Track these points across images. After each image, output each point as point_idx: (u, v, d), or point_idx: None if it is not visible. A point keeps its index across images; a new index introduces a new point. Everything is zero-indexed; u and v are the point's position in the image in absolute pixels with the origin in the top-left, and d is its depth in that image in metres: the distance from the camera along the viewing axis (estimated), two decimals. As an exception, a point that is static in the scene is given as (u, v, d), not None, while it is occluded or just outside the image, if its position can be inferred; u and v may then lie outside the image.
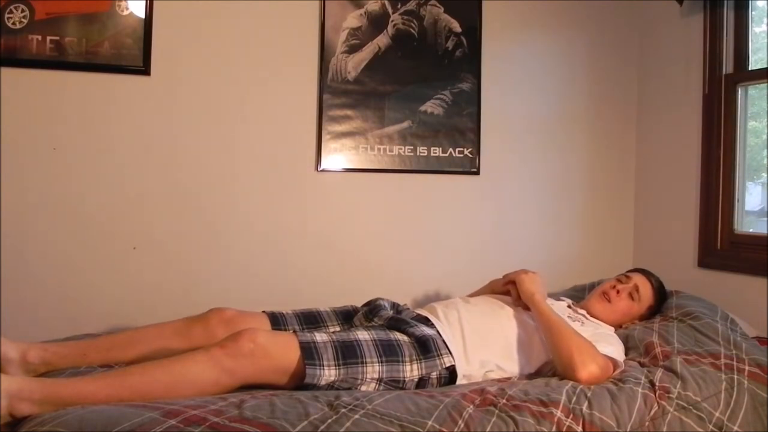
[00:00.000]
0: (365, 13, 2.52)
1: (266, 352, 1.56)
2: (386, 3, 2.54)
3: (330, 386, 1.60)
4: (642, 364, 1.81)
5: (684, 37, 2.63)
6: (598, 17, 2.85)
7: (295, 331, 1.74)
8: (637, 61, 2.90)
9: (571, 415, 1.50)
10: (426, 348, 1.73)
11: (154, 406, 1.33)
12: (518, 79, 2.76)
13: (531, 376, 1.85)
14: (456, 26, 2.62)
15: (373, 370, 1.65)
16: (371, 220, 2.57)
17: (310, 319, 1.98)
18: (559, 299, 2.19)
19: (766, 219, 2.45)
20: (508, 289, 2.06)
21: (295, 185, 2.46)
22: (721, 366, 1.75)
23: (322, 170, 2.48)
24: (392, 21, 2.55)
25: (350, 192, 2.54)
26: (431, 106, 2.59)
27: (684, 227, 2.62)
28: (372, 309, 1.98)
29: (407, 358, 1.70)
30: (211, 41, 2.36)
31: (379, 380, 1.65)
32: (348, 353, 1.64)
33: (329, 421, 1.35)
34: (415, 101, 2.57)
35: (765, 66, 2.39)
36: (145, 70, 2.26)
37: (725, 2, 2.48)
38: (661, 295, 2.22)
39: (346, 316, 2.03)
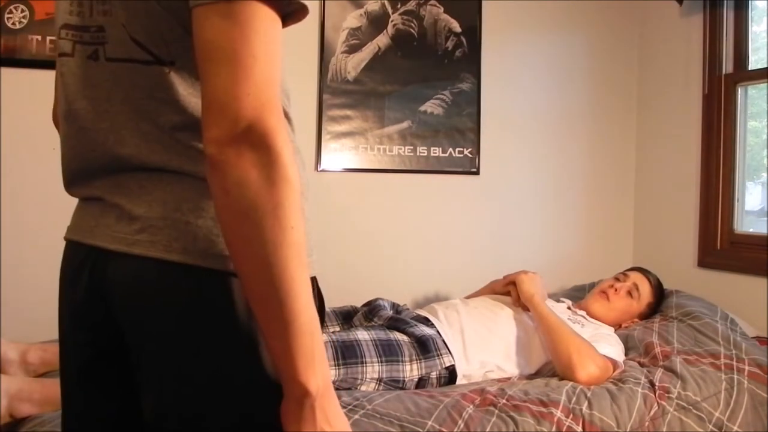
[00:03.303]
0: (365, 13, 2.52)
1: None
2: (386, 3, 2.54)
3: (330, 386, 1.60)
4: (642, 364, 1.81)
5: (684, 37, 2.63)
6: (597, 17, 2.85)
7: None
8: (637, 61, 2.90)
9: (571, 415, 1.50)
10: (426, 348, 1.73)
11: (153, 406, 1.33)
12: (518, 79, 2.76)
13: (531, 377, 1.85)
14: (456, 26, 2.62)
15: (373, 370, 1.65)
16: (371, 220, 2.57)
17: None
18: (559, 301, 2.19)
19: (766, 219, 2.45)
20: (508, 290, 2.06)
21: (295, 185, 2.45)
22: (721, 366, 1.75)
23: (322, 170, 2.48)
24: (392, 21, 2.55)
25: (350, 192, 2.54)
26: (431, 106, 2.59)
27: (684, 227, 2.62)
28: (372, 309, 1.98)
29: (407, 358, 1.70)
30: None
31: (379, 380, 1.65)
32: (348, 353, 1.64)
33: (329, 421, 1.35)
34: (415, 101, 2.57)
35: (765, 66, 2.39)
36: (144, 70, 2.26)
37: (725, 2, 2.48)
38: (660, 292, 2.22)
39: (346, 316, 2.03)
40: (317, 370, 0.74)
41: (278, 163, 0.69)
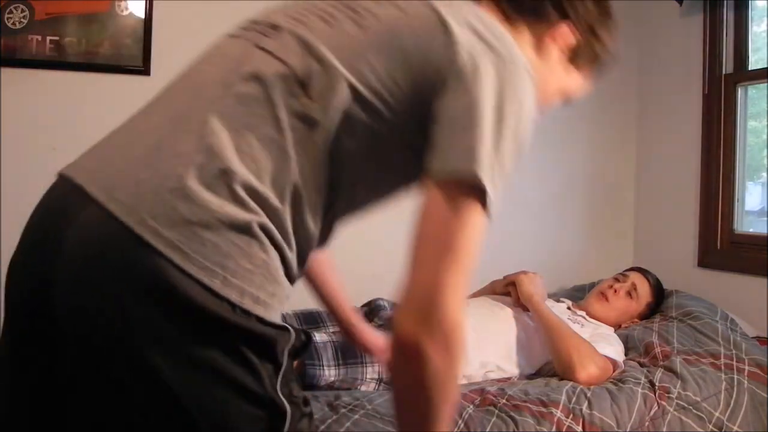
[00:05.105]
0: (365, 13, 2.51)
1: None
2: (386, 3, 2.53)
3: (330, 386, 1.60)
4: (642, 364, 1.81)
5: (684, 37, 2.63)
6: (598, 17, 2.85)
7: (295, 331, 1.75)
8: (637, 61, 2.89)
9: (571, 415, 1.50)
10: (426, 348, 1.73)
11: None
12: (518, 79, 2.75)
13: (531, 377, 1.85)
14: (456, 26, 2.61)
15: (373, 370, 1.65)
16: (371, 220, 2.55)
17: (310, 319, 1.98)
18: (559, 301, 2.19)
19: (766, 219, 2.45)
20: (508, 291, 2.06)
21: (295, 185, 2.45)
22: (721, 366, 1.75)
23: (322, 170, 2.47)
24: (392, 21, 2.54)
25: (350, 192, 2.53)
26: (431, 106, 2.58)
27: (684, 227, 2.62)
28: (372, 309, 1.98)
29: (407, 358, 1.70)
30: (210, 41, 2.35)
31: (379, 380, 1.65)
32: (348, 353, 1.64)
33: (329, 421, 1.35)
34: (415, 101, 2.56)
35: (765, 66, 2.38)
36: (144, 70, 2.26)
37: (725, 2, 2.47)
38: (660, 292, 2.22)
39: (346, 316, 2.03)
40: None
41: (459, 350, 0.76)
